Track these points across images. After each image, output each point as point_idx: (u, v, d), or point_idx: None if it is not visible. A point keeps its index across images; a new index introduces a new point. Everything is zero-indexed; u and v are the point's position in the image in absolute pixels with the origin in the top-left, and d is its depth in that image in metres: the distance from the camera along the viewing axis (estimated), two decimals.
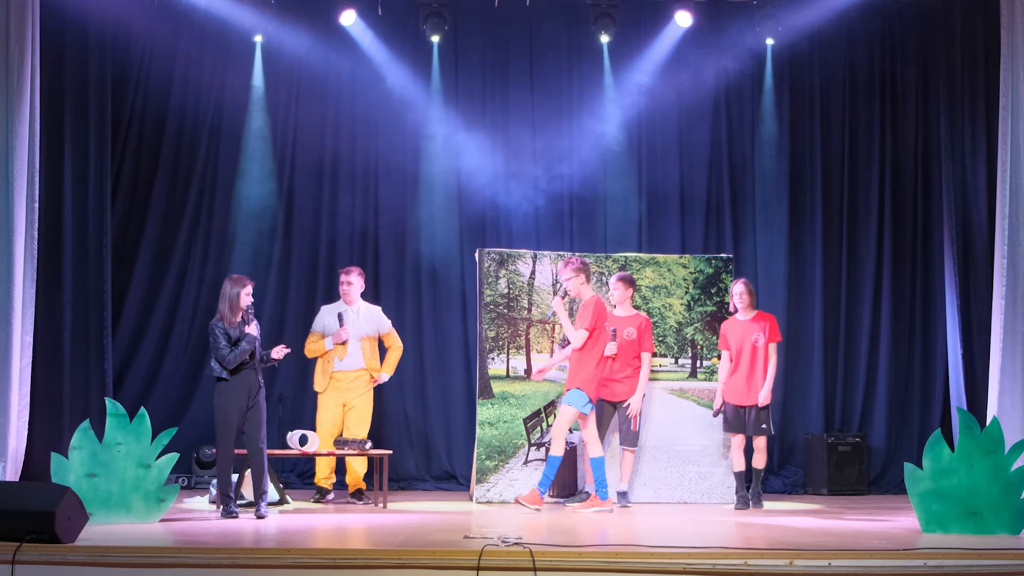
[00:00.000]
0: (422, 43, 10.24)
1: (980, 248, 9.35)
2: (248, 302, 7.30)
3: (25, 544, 5.15)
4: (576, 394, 7.75)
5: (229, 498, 7.16)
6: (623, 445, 8.37)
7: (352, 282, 8.63)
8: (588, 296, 7.87)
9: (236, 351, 7.17)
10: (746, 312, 8.29)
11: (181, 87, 10.06)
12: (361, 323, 8.63)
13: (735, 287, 8.36)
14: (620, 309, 8.44)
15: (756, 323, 8.24)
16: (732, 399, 8.25)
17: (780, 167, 10.32)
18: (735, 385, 8.24)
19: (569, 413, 7.75)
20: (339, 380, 8.54)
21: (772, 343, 8.21)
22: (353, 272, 8.71)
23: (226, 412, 7.18)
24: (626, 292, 8.42)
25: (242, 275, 7.52)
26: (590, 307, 7.78)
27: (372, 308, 8.80)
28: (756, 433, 8.15)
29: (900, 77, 10.42)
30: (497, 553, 5.01)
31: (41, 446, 8.23)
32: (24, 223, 8.28)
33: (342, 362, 8.53)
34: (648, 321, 8.51)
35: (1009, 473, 6.35)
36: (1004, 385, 8.49)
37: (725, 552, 5.13)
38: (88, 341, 9.12)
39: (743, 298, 8.27)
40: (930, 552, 5.21)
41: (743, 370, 8.19)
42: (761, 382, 8.14)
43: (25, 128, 8.29)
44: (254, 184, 10.10)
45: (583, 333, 7.74)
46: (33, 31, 8.40)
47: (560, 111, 10.37)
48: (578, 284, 7.84)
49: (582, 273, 7.85)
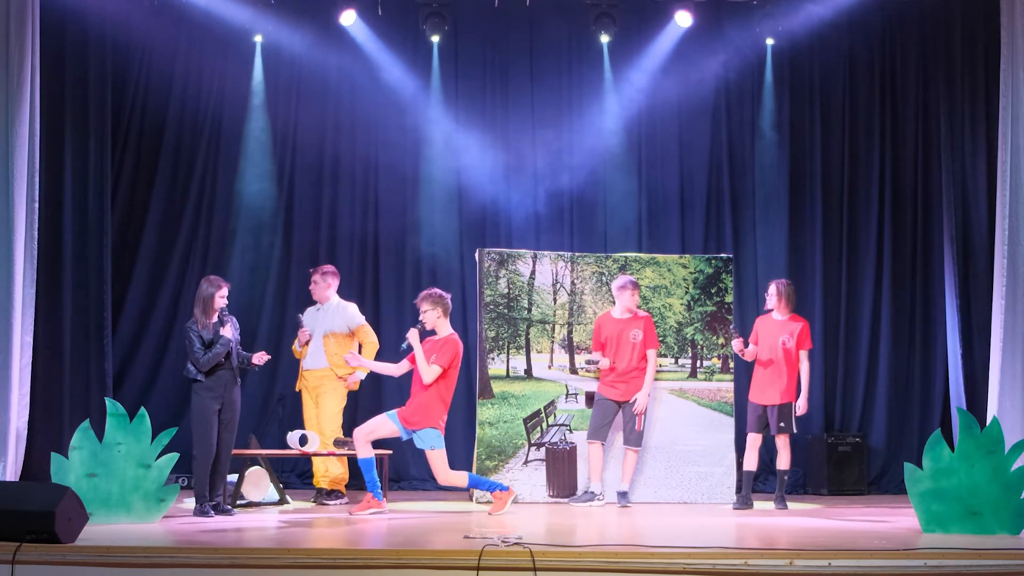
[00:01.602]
0: (422, 43, 10.24)
1: (980, 248, 9.35)
2: (222, 304, 7.33)
3: (25, 544, 5.14)
4: (433, 434, 7.43)
5: (204, 497, 7.20)
6: (626, 445, 8.34)
7: (316, 281, 8.57)
8: (446, 332, 7.56)
9: (210, 354, 7.21)
10: (781, 312, 8.22)
11: (181, 87, 10.06)
12: (326, 320, 8.53)
13: (771, 287, 8.27)
14: (624, 312, 8.38)
15: (788, 325, 8.18)
16: (755, 398, 8.21)
17: (780, 167, 10.32)
18: (759, 383, 8.19)
19: (440, 457, 7.42)
20: (306, 379, 8.52)
21: (803, 350, 8.15)
22: (318, 272, 8.64)
23: (202, 413, 7.23)
24: (634, 298, 8.37)
25: (219, 276, 7.56)
26: (451, 345, 7.47)
27: (343, 304, 8.66)
28: (778, 432, 8.12)
29: (900, 77, 10.42)
30: (497, 553, 5.01)
31: (41, 446, 8.23)
32: (24, 223, 8.29)
33: (305, 361, 8.51)
34: (649, 318, 8.48)
35: (1009, 473, 6.34)
36: (1004, 385, 8.50)
37: (725, 552, 5.12)
38: (88, 341, 9.13)
39: (773, 298, 8.20)
40: (930, 552, 5.21)
41: (768, 369, 8.14)
42: (786, 384, 8.07)
43: (25, 128, 8.29)
44: (254, 184, 10.10)
45: (436, 369, 7.40)
46: (33, 31, 8.40)
47: (560, 111, 10.37)
48: (434, 317, 7.53)
49: (439, 306, 7.53)
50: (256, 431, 9.39)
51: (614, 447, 8.54)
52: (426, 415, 7.43)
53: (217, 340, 7.23)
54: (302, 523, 6.92)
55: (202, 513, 7.11)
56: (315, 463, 8.61)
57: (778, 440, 8.17)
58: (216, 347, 7.22)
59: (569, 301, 9.01)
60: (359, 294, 10.07)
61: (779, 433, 8.13)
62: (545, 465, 8.70)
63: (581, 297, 9.01)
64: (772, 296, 8.24)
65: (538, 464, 8.70)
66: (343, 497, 8.47)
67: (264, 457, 8.36)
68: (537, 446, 8.74)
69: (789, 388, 8.12)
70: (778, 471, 8.24)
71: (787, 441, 8.16)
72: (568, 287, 9.01)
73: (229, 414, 7.31)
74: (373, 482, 7.44)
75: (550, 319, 8.97)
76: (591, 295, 9.00)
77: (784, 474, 8.23)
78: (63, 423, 8.64)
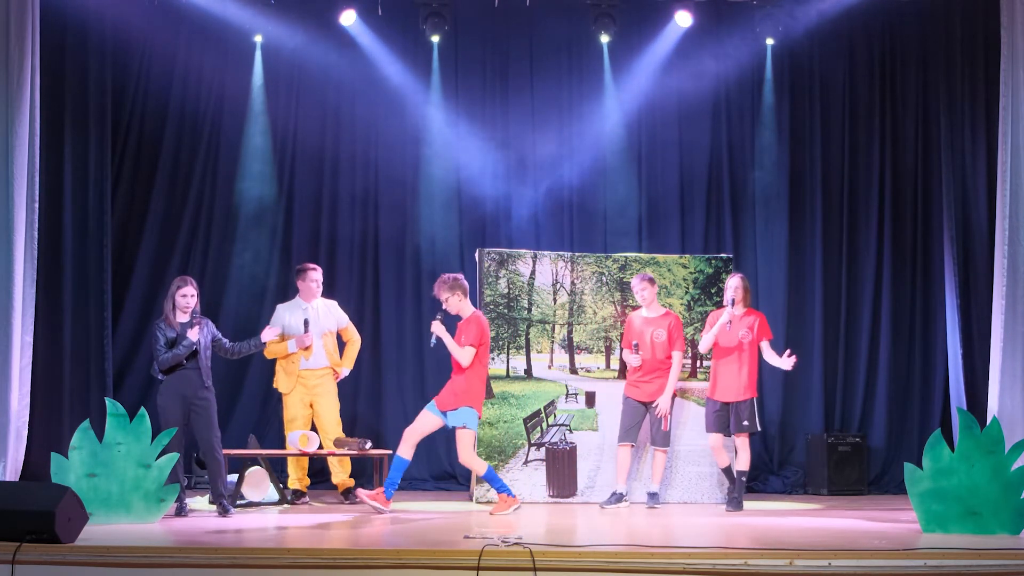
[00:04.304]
0: (422, 43, 10.24)
1: (980, 248, 9.35)
2: (184, 303, 7.40)
3: (25, 544, 5.15)
4: (470, 413, 7.48)
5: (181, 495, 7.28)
6: (654, 446, 8.25)
7: (316, 280, 8.59)
8: (469, 312, 7.62)
9: (169, 354, 7.29)
10: (741, 306, 8.15)
11: (181, 87, 10.05)
12: (322, 320, 8.57)
13: (732, 280, 8.18)
14: (649, 310, 8.28)
15: (746, 319, 8.12)
16: (715, 395, 8.12)
17: (780, 167, 10.32)
18: (718, 380, 8.12)
19: (470, 438, 7.51)
20: (305, 379, 8.49)
21: (764, 341, 8.08)
22: (317, 270, 8.68)
23: (164, 411, 7.31)
24: (653, 291, 8.24)
25: (186, 276, 7.71)
26: (474, 322, 7.56)
27: (329, 302, 8.70)
28: (739, 431, 8.03)
29: (900, 77, 10.42)
30: (497, 553, 5.01)
31: (41, 446, 8.23)
32: (24, 223, 8.28)
33: (308, 361, 8.49)
34: (678, 319, 8.34)
35: (1009, 473, 6.34)
36: (1004, 385, 8.50)
37: (725, 552, 5.13)
38: (88, 341, 9.12)
39: (739, 292, 8.13)
40: (930, 552, 5.21)
41: (728, 365, 8.07)
42: (746, 380, 8.00)
43: (25, 128, 8.29)
44: (254, 184, 10.09)
45: (470, 351, 7.47)
46: (33, 31, 8.40)
47: (560, 111, 10.37)
48: (456, 302, 7.57)
49: (456, 290, 7.55)
50: (256, 431, 9.40)
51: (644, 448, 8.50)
52: (465, 396, 7.51)
53: (180, 341, 7.27)
54: (302, 523, 6.93)
55: (180, 511, 7.23)
56: (331, 463, 8.61)
57: (737, 440, 8.06)
58: (178, 347, 7.29)
59: (569, 301, 9.01)
60: (359, 293, 10.10)
61: (739, 432, 8.02)
62: (545, 465, 8.70)
63: (581, 297, 9.01)
64: (738, 290, 8.10)
65: (538, 464, 8.70)
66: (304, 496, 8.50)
67: (264, 457, 8.36)
68: (537, 446, 8.74)
69: (750, 384, 8.03)
70: (736, 472, 8.08)
71: (747, 441, 8.06)
72: (568, 287, 9.01)
73: (201, 417, 7.34)
74: (394, 483, 7.53)
75: (550, 319, 8.97)
76: (591, 295, 9.00)
77: (742, 475, 8.08)
78: (63, 423, 8.64)
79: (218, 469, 7.36)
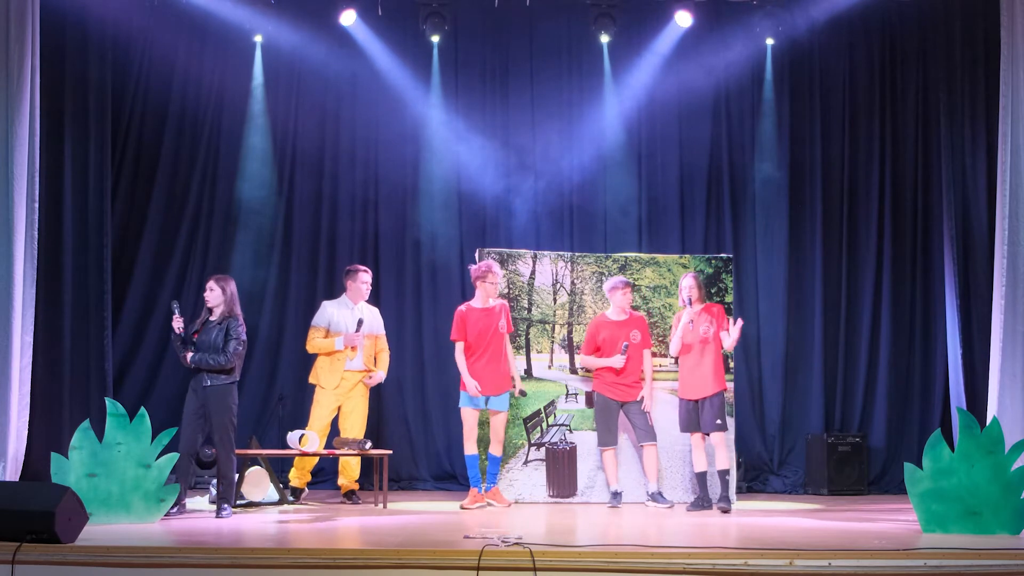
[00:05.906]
0: (422, 43, 10.24)
1: (980, 248, 9.35)
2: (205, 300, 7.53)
3: (25, 544, 5.15)
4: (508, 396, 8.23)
5: None
6: (643, 443, 8.21)
7: (366, 281, 8.66)
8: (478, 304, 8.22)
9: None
10: (698, 303, 8.11)
11: (181, 87, 10.06)
12: (372, 323, 8.69)
13: (685, 280, 8.15)
14: (620, 314, 8.32)
15: (705, 314, 8.09)
16: (684, 394, 8.08)
17: (780, 167, 10.32)
18: (685, 378, 8.08)
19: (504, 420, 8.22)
20: (346, 379, 8.52)
21: (724, 332, 8.04)
22: (370, 272, 8.75)
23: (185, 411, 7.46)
24: (627, 297, 8.29)
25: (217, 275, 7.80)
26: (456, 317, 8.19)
27: (372, 308, 8.81)
28: (713, 430, 7.97)
29: (900, 77, 10.43)
30: (497, 553, 5.01)
31: (41, 446, 8.23)
32: (24, 223, 8.28)
33: (352, 362, 8.52)
34: (644, 318, 8.46)
35: (1009, 473, 6.34)
36: (1004, 385, 8.49)
37: (725, 552, 5.12)
38: (88, 341, 9.12)
39: (695, 291, 8.09)
40: (930, 552, 5.21)
41: (692, 362, 8.02)
42: (712, 374, 7.95)
43: (25, 128, 8.28)
44: (254, 184, 10.10)
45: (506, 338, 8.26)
46: (33, 31, 8.39)
47: (560, 111, 10.38)
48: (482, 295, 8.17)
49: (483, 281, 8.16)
50: (256, 431, 9.40)
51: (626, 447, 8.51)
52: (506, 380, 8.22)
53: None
54: (302, 523, 6.92)
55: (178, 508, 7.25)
56: (342, 464, 8.62)
57: (713, 437, 8.01)
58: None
59: (569, 301, 9.01)
60: None
61: (714, 431, 7.96)
62: (545, 465, 8.70)
63: (581, 297, 9.01)
64: (692, 289, 8.06)
65: (538, 464, 8.70)
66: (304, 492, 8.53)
67: (264, 457, 8.36)
68: (537, 446, 8.74)
69: (716, 377, 7.96)
70: (719, 471, 8.02)
71: (723, 438, 8.01)
72: (568, 287, 9.01)
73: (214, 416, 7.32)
74: (476, 478, 8.04)
75: (550, 319, 8.97)
76: (591, 295, 8.99)
77: (725, 474, 8.01)
78: (63, 423, 8.63)
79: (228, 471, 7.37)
